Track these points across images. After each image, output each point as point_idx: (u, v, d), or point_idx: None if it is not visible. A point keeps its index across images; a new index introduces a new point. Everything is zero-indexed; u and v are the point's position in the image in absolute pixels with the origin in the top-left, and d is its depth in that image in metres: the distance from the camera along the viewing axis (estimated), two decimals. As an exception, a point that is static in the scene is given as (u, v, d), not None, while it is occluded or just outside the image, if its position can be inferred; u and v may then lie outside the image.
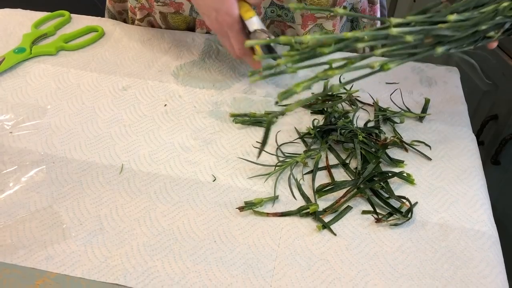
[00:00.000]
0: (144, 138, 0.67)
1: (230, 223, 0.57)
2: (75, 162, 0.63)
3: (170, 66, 0.79)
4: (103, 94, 0.73)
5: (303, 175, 0.63)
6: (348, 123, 0.68)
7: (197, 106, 0.73)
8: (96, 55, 0.81)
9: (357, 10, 0.88)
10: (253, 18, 0.66)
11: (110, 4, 0.92)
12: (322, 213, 0.58)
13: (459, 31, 0.58)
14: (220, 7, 0.66)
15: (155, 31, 0.86)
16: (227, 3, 0.66)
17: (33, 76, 0.76)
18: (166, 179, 0.62)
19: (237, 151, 0.66)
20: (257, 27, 0.66)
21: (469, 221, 0.58)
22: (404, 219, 0.58)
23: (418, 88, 0.77)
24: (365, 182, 0.61)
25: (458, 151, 0.67)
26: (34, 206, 0.58)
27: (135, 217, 0.57)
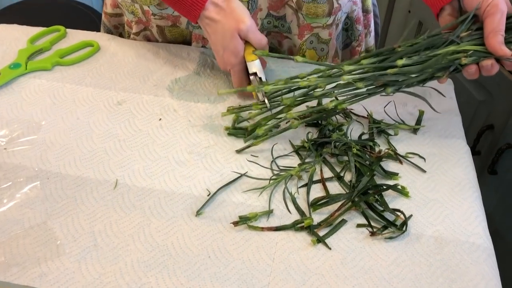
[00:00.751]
0: (139, 153, 0.67)
1: (224, 238, 0.57)
2: (69, 178, 0.63)
3: (165, 80, 0.80)
4: (98, 109, 0.73)
5: (297, 189, 0.63)
6: (342, 135, 0.69)
7: (192, 120, 0.73)
8: (91, 70, 0.81)
9: (352, 19, 0.89)
10: (255, 61, 0.70)
11: (106, 19, 0.93)
12: (317, 227, 0.58)
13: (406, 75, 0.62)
14: (228, 45, 0.70)
15: (150, 45, 0.87)
16: (234, 43, 0.69)
17: (28, 92, 0.76)
18: (160, 194, 0.61)
19: (231, 165, 0.66)
20: (256, 70, 0.70)
21: (464, 233, 0.58)
22: (399, 232, 0.57)
23: (412, 100, 0.77)
24: (359, 195, 0.61)
25: (452, 163, 0.67)
26: (28, 222, 0.58)
27: (129, 232, 0.57)
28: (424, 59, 0.65)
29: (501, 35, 0.63)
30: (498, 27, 0.63)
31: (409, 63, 0.65)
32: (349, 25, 0.90)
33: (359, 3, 0.88)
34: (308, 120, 0.72)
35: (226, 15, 0.69)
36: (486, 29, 0.64)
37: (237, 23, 0.69)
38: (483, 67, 0.64)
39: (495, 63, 0.64)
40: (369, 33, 0.95)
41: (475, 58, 0.64)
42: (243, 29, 0.69)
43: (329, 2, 0.79)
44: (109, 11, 0.91)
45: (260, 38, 0.71)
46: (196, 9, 0.69)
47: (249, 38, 0.70)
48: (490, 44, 0.63)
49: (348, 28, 0.90)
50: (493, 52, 0.63)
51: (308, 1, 0.78)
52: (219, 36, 0.70)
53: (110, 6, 0.91)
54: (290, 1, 0.78)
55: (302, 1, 0.78)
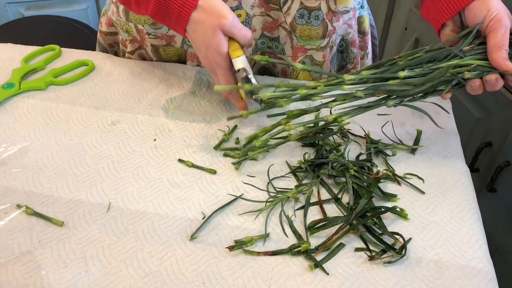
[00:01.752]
0: (133, 175, 0.66)
1: (219, 263, 0.55)
2: (61, 201, 0.62)
3: (160, 99, 0.79)
4: (92, 129, 0.72)
5: (294, 211, 0.62)
6: (340, 156, 0.68)
7: (187, 140, 0.72)
8: (85, 90, 0.80)
9: (347, 41, 0.88)
10: (240, 57, 0.67)
11: (101, 37, 0.92)
12: (314, 251, 0.57)
13: (408, 86, 0.61)
14: (210, 43, 0.67)
15: (145, 64, 0.86)
16: (217, 40, 0.66)
17: (21, 112, 0.75)
18: (154, 217, 0.60)
19: (227, 187, 0.65)
20: (243, 66, 0.66)
21: (464, 257, 0.57)
22: (398, 256, 0.56)
23: (410, 120, 0.76)
24: (357, 218, 0.60)
25: (451, 184, 0.66)
26: (19, 248, 0.56)
27: (122, 258, 0.56)
28: (426, 72, 0.64)
29: (505, 50, 0.62)
30: (502, 42, 0.62)
31: (411, 75, 0.63)
32: (344, 47, 0.89)
33: (354, 26, 0.88)
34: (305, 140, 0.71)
35: (205, 12, 0.66)
36: (489, 44, 0.63)
37: (218, 19, 0.65)
38: (487, 81, 0.64)
39: (499, 77, 0.63)
40: (366, 55, 0.94)
41: (478, 72, 0.63)
42: (226, 24, 0.65)
43: (323, 25, 0.79)
44: (104, 30, 0.91)
45: (245, 33, 0.67)
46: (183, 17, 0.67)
47: (232, 33, 0.67)
48: (494, 59, 0.62)
49: (343, 50, 0.90)
50: (497, 67, 0.63)
51: (302, 24, 0.78)
52: (200, 35, 0.67)
53: (105, 25, 0.90)
54: (284, 22, 0.78)
55: (296, 23, 0.78)
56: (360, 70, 0.66)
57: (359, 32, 0.91)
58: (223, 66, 0.67)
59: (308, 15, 0.77)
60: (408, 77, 0.63)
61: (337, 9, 0.79)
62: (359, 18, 0.90)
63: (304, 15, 0.77)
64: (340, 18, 0.81)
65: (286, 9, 0.76)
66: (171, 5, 0.67)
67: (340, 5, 0.79)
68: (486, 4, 0.63)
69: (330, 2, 0.77)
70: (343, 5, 0.79)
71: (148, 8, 0.69)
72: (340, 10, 0.79)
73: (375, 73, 0.64)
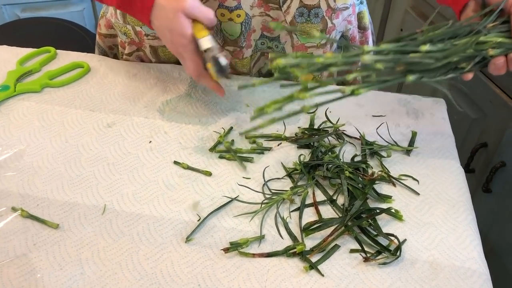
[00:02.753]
0: (128, 177, 0.66)
1: (214, 265, 0.55)
2: (57, 203, 0.62)
3: (156, 101, 0.79)
4: (87, 131, 0.72)
5: (290, 213, 0.62)
6: (335, 158, 0.68)
7: (182, 142, 0.72)
8: (81, 92, 0.80)
9: (347, 38, 0.88)
10: (206, 37, 0.66)
11: (100, 40, 0.92)
12: (309, 253, 0.57)
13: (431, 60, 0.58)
14: (173, 27, 0.66)
15: (141, 66, 0.86)
16: (180, 23, 0.66)
17: (17, 114, 0.75)
18: (149, 220, 0.60)
19: (222, 189, 0.65)
20: (209, 46, 0.66)
21: (459, 258, 0.57)
22: (393, 258, 0.56)
23: (405, 121, 0.76)
24: (352, 220, 0.60)
25: (446, 185, 0.66)
26: (14, 251, 0.56)
27: (117, 260, 0.56)
28: (448, 48, 0.60)
29: None
30: None
31: (433, 49, 0.59)
32: None
33: (354, 22, 0.88)
34: (300, 141, 0.71)
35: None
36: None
37: (178, 2, 0.65)
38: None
39: None
40: None
41: (503, 50, 0.60)
42: (186, 6, 0.65)
43: (323, 22, 0.79)
44: (103, 32, 0.91)
45: (207, 13, 0.67)
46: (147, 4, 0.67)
47: (195, 15, 0.66)
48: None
49: (344, 47, 0.90)
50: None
51: (302, 22, 0.78)
52: (163, 20, 0.67)
53: (104, 27, 0.90)
54: (284, 21, 0.78)
55: (296, 22, 0.78)
56: (380, 43, 0.61)
57: (359, 28, 0.91)
58: (189, 48, 0.67)
59: (308, 13, 0.77)
60: (431, 51, 0.59)
61: (336, 6, 0.79)
62: (359, 14, 0.90)
63: (303, 13, 0.77)
64: (340, 15, 0.81)
65: (286, 8, 0.76)
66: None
67: (339, 2, 0.78)
68: None
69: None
70: (342, 2, 0.79)
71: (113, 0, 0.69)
72: (339, 7, 0.79)
73: (396, 46, 0.60)
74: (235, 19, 0.76)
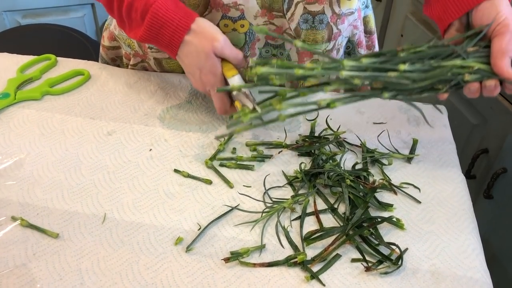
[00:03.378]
0: (128, 185, 0.66)
1: (215, 275, 0.55)
2: (57, 212, 0.61)
3: (156, 109, 0.79)
4: (88, 139, 0.72)
5: (290, 221, 0.62)
6: (336, 166, 0.67)
7: (183, 150, 0.72)
8: (81, 99, 0.80)
9: (354, 42, 0.88)
10: (235, 76, 0.68)
11: (104, 51, 0.92)
12: (311, 262, 0.56)
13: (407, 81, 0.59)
14: (203, 65, 0.68)
15: (142, 73, 0.86)
16: (210, 61, 0.68)
17: (17, 122, 0.75)
18: (149, 229, 0.60)
19: (223, 197, 0.64)
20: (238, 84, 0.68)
21: (461, 267, 0.57)
22: (395, 267, 0.56)
23: (406, 128, 0.76)
24: (354, 229, 0.59)
25: (447, 193, 0.66)
26: (13, 261, 0.56)
27: (117, 270, 0.55)
28: (427, 68, 0.62)
29: (509, 57, 0.61)
30: (507, 48, 0.61)
31: (411, 69, 0.61)
32: (351, 48, 0.89)
33: (360, 26, 0.87)
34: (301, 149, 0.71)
35: (197, 35, 0.68)
36: (493, 48, 0.62)
37: (210, 41, 0.68)
38: (486, 86, 0.62)
39: (498, 84, 0.62)
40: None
41: (479, 76, 0.62)
42: (218, 46, 0.68)
43: (328, 28, 0.79)
44: (107, 44, 0.91)
45: (237, 53, 0.70)
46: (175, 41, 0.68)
47: (225, 55, 0.69)
48: (497, 65, 0.61)
49: (350, 52, 0.89)
50: (498, 74, 0.61)
51: (307, 28, 0.78)
52: (194, 58, 0.69)
53: (107, 39, 0.90)
54: (288, 29, 0.78)
55: (301, 29, 0.78)
56: (360, 57, 0.63)
57: (365, 32, 0.91)
58: (218, 87, 0.69)
59: (312, 20, 0.77)
60: (408, 71, 0.60)
61: (341, 11, 0.78)
62: (364, 18, 0.90)
63: (308, 20, 0.77)
64: (345, 20, 0.80)
65: (290, 15, 0.76)
66: (162, 32, 0.68)
67: (344, 7, 0.78)
68: (496, 7, 0.62)
69: (333, 5, 0.76)
70: (347, 7, 0.79)
71: (137, 34, 0.70)
72: (344, 12, 0.79)
73: (375, 63, 0.61)
74: (239, 29, 0.76)
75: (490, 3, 0.63)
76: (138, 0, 0.68)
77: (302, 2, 0.74)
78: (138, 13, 0.68)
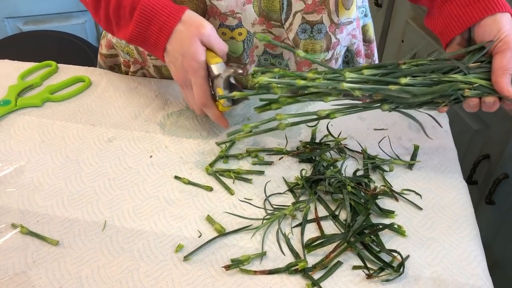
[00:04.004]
0: (129, 192, 0.65)
1: (216, 282, 0.55)
2: (57, 219, 0.61)
3: (156, 115, 0.79)
4: (88, 146, 0.72)
5: (291, 228, 0.61)
6: (337, 172, 0.67)
7: (183, 156, 0.71)
8: (82, 106, 0.80)
9: (352, 52, 0.88)
10: (219, 64, 0.67)
11: (102, 60, 0.92)
12: (312, 270, 0.56)
13: (407, 95, 0.60)
14: (187, 51, 0.66)
15: (142, 80, 0.86)
16: (195, 48, 0.66)
17: (17, 129, 0.75)
18: (150, 236, 0.60)
19: (223, 204, 0.64)
20: (221, 72, 0.66)
21: (463, 275, 0.56)
22: (396, 274, 0.56)
23: (407, 134, 0.76)
24: (355, 236, 0.59)
25: (449, 200, 0.66)
26: (13, 269, 0.56)
27: (117, 277, 0.55)
28: (428, 83, 0.63)
29: (509, 75, 0.62)
30: (507, 66, 0.62)
31: (412, 83, 0.62)
32: (350, 58, 0.89)
33: (359, 36, 0.87)
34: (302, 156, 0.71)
35: (185, 24, 0.66)
36: (494, 65, 0.63)
37: (197, 28, 0.66)
38: (485, 102, 0.63)
39: (497, 100, 0.63)
40: (374, 62, 0.94)
41: (479, 92, 0.63)
42: (205, 33, 0.66)
43: (327, 38, 0.79)
44: (104, 52, 0.91)
45: (223, 45, 0.69)
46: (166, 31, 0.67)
47: (211, 44, 0.67)
48: (497, 83, 0.62)
49: (349, 61, 0.89)
50: (498, 91, 0.62)
51: (305, 38, 0.78)
52: (178, 44, 0.67)
53: (105, 47, 0.90)
54: (287, 39, 0.78)
55: (299, 39, 0.78)
56: (362, 68, 0.64)
57: (364, 41, 0.91)
58: (200, 74, 0.67)
59: (311, 29, 0.77)
60: (409, 84, 0.62)
61: (339, 21, 0.78)
62: (363, 27, 0.90)
63: (306, 30, 0.77)
64: (344, 29, 0.80)
65: (288, 25, 0.76)
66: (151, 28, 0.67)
67: (342, 17, 0.78)
68: (497, 23, 0.63)
69: (332, 14, 0.76)
70: (346, 16, 0.79)
71: (126, 32, 0.69)
72: (343, 21, 0.79)
73: (376, 75, 0.62)
74: (236, 37, 0.76)
75: (492, 19, 0.63)
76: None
77: (300, 12, 0.74)
78: (127, 10, 0.67)
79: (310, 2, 0.74)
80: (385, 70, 0.63)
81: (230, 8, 0.73)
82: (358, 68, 0.64)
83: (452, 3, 0.67)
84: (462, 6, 0.65)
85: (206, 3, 0.72)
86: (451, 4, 0.67)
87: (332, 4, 0.75)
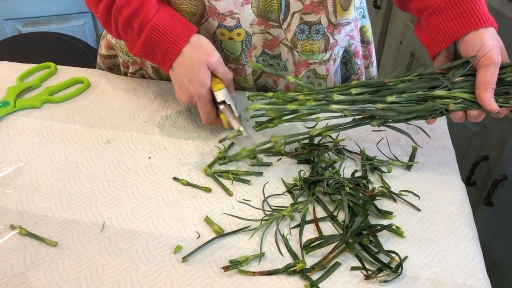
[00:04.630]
0: (127, 193, 0.65)
1: (214, 283, 0.55)
2: (55, 221, 0.61)
3: (155, 117, 0.79)
4: (87, 147, 0.72)
5: (290, 229, 0.61)
6: (335, 173, 0.67)
7: (182, 158, 0.72)
8: (81, 107, 0.80)
9: (350, 53, 0.88)
10: (222, 90, 0.71)
11: (101, 60, 0.93)
12: (310, 271, 0.56)
13: (393, 113, 0.65)
14: (195, 76, 0.70)
15: (141, 81, 0.86)
16: (203, 74, 0.70)
17: (16, 131, 0.75)
18: (148, 237, 0.60)
19: (222, 205, 0.64)
20: (224, 98, 0.71)
21: (461, 275, 0.57)
22: (394, 275, 0.56)
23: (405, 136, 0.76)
24: (353, 236, 0.59)
25: (447, 201, 0.66)
26: (11, 270, 0.56)
27: (116, 279, 0.55)
28: (414, 99, 0.66)
29: (492, 89, 0.64)
30: (490, 81, 0.64)
31: (398, 101, 0.65)
32: (348, 58, 0.89)
33: (357, 36, 0.88)
34: (300, 157, 0.71)
35: (194, 48, 0.70)
36: (478, 80, 0.65)
37: (206, 55, 0.70)
38: (470, 115, 0.66)
39: (482, 113, 0.66)
40: (371, 64, 0.94)
41: (463, 106, 0.65)
42: (212, 61, 0.70)
43: (325, 38, 0.79)
44: (104, 53, 0.91)
45: (227, 72, 0.73)
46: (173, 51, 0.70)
47: (216, 71, 0.71)
48: (480, 97, 0.64)
49: (347, 62, 0.90)
50: (481, 105, 0.65)
51: (303, 39, 0.78)
52: (187, 68, 0.70)
53: (104, 48, 0.90)
54: (285, 39, 0.78)
55: (297, 39, 0.78)
56: (350, 86, 0.67)
57: (362, 42, 0.91)
58: (205, 98, 0.71)
59: (309, 30, 0.77)
60: (395, 102, 0.65)
61: (337, 21, 0.78)
62: (361, 28, 0.90)
63: (304, 30, 0.77)
64: (342, 30, 0.81)
65: (286, 25, 0.76)
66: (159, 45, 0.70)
67: (340, 18, 0.78)
68: (480, 39, 0.65)
69: (330, 15, 0.77)
70: (344, 17, 0.79)
71: (134, 49, 0.71)
72: (341, 22, 0.79)
73: (364, 93, 0.66)
74: (235, 38, 0.76)
75: (475, 35, 0.65)
76: (135, 18, 0.69)
77: (298, 13, 0.75)
78: (135, 32, 0.70)
79: (308, 3, 0.74)
80: (372, 88, 0.65)
81: (229, 9, 0.73)
82: (346, 86, 0.67)
83: (438, 16, 0.68)
84: (447, 21, 0.67)
85: (205, 3, 0.73)
86: (438, 17, 0.68)
87: (330, 4, 0.75)
